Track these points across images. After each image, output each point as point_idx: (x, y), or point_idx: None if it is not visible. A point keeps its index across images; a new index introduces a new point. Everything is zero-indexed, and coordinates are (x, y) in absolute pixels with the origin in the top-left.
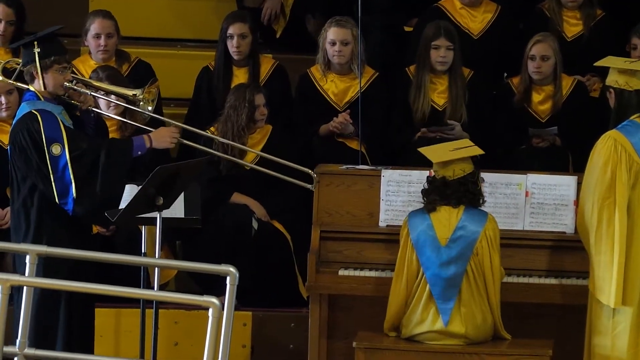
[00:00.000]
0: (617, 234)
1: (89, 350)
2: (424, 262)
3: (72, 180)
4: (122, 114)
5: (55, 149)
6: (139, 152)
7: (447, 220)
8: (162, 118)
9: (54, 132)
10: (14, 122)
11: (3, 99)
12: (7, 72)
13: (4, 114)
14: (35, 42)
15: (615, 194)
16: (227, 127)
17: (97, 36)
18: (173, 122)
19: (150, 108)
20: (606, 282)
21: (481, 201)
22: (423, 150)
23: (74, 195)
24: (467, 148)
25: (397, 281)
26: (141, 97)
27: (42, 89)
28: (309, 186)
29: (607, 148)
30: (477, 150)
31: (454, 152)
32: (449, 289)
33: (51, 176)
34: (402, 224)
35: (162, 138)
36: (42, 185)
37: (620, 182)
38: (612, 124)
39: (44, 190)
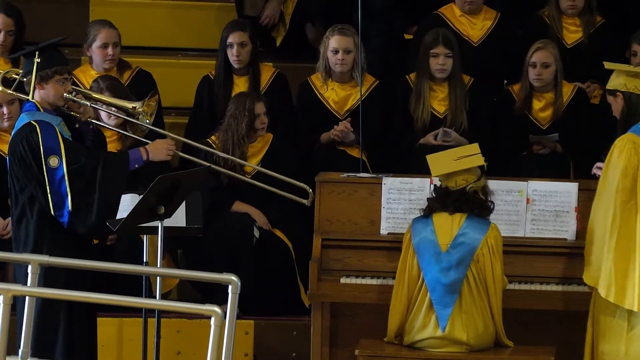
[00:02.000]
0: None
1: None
2: (424, 267)
3: (69, 193)
4: (121, 126)
5: (53, 161)
6: (136, 165)
7: (449, 226)
8: (160, 131)
9: (52, 143)
10: (13, 132)
11: (5, 109)
12: (8, 82)
13: (5, 124)
14: (37, 52)
15: (636, 197)
16: (227, 135)
17: (105, 46)
18: (170, 134)
19: (148, 121)
20: (629, 287)
21: (491, 207)
22: (429, 158)
23: (70, 208)
24: (470, 157)
25: (399, 286)
26: (141, 110)
27: (36, 99)
28: (304, 201)
29: (627, 151)
30: (479, 161)
31: (456, 162)
32: (448, 295)
33: (47, 188)
34: (406, 229)
35: (159, 150)
36: (41, 196)
37: None
38: (620, 128)
39: (42, 202)
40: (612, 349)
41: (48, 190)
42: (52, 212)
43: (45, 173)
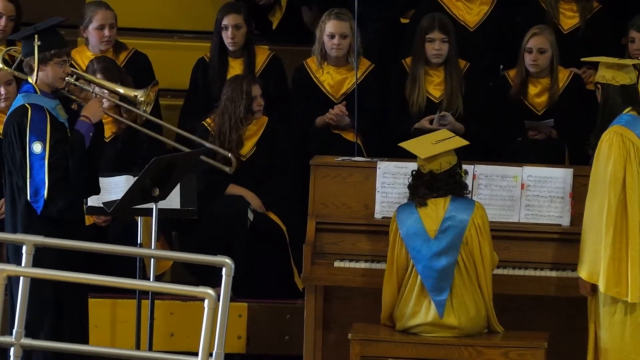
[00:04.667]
0: (637, 229)
1: (84, 341)
2: (414, 256)
3: (46, 182)
4: (114, 109)
5: (36, 147)
6: (90, 134)
7: (435, 212)
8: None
9: (40, 129)
10: (8, 113)
11: (2, 90)
12: (7, 62)
13: (2, 104)
14: (36, 35)
15: (631, 189)
16: (224, 119)
17: (101, 27)
18: (104, 96)
19: (145, 109)
20: (627, 280)
21: (466, 191)
22: (406, 145)
23: (45, 196)
24: (450, 139)
25: (389, 274)
26: (142, 99)
27: (37, 82)
28: (226, 169)
29: (616, 144)
30: (461, 142)
31: (437, 145)
32: (442, 281)
33: (27, 172)
34: (391, 218)
35: (95, 111)
36: (21, 179)
37: (631, 177)
38: (599, 119)
39: (21, 185)
40: (613, 341)
41: (27, 175)
42: (28, 197)
43: (27, 157)
